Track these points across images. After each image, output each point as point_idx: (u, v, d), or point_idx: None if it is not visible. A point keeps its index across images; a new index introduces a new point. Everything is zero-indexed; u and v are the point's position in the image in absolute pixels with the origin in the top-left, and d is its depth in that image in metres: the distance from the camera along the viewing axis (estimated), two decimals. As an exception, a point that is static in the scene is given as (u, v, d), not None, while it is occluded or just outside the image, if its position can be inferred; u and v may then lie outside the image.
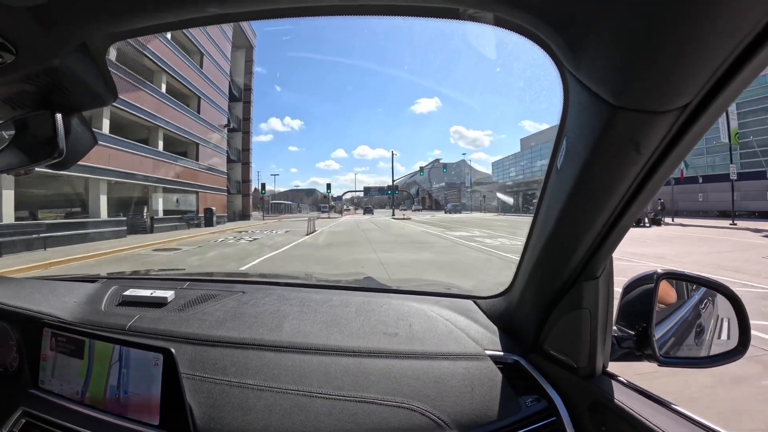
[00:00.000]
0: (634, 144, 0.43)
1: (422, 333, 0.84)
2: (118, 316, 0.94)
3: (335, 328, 0.86)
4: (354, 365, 0.77)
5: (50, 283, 1.12)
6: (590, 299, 0.65)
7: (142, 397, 0.73)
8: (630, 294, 0.71)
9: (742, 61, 0.33)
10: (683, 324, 0.76)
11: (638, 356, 0.69)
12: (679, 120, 0.39)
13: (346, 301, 0.97)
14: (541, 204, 0.64)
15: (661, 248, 9.15)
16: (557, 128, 0.54)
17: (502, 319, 0.86)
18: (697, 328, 0.77)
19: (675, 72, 0.34)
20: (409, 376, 0.74)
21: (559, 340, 0.71)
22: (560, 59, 0.43)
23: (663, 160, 0.44)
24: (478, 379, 0.74)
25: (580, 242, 0.59)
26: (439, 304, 0.96)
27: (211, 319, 0.91)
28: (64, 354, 0.82)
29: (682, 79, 0.35)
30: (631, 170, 0.46)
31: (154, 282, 1.18)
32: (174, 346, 0.75)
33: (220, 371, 0.77)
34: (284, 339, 0.82)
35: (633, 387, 0.68)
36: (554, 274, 0.67)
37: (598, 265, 0.63)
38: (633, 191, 0.49)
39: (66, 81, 0.55)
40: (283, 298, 1.00)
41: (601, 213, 0.53)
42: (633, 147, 0.43)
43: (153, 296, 1.01)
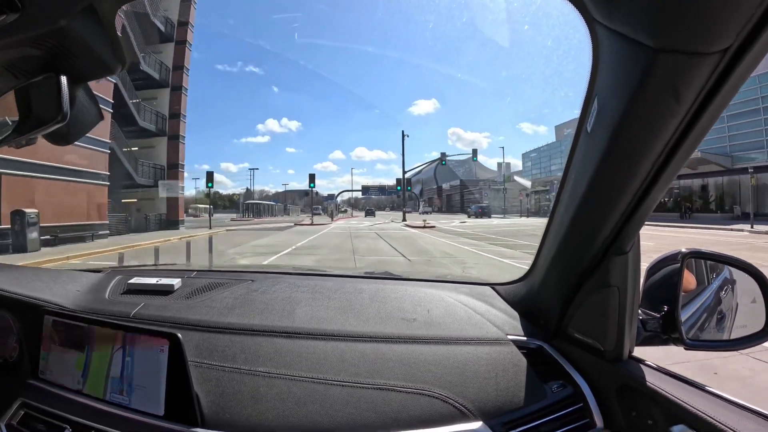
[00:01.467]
0: (673, 91, 0.42)
1: (441, 318, 0.83)
2: (122, 304, 0.94)
3: (350, 314, 0.85)
4: (371, 351, 0.77)
5: (52, 271, 1.12)
6: (619, 276, 0.64)
7: (145, 387, 0.72)
8: (654, 276, 0.71)
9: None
10: (706, 307, 0.76)
11: (664, 340, 0.69)
12: (719, 65, 0.39)
13: (359, 288, 0.96)
14: (566, 177, 0.64)
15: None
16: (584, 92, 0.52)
17: (523, 304, 0.86)
18: (720, 312, 0.77)
19: (718, 9, 0.35)
20: (430, 362, 0.74)
21: (585, 323, 0.71)
22: (591, 13, 0.44)
23: (701, 112, 0.44)
24: (502, 364, 0.74)
25: (611, 213, 0.58)
26: (456, 290, 0.95)
27: (219, 306, 0.90)
28: (65, 343, 0.81)
29: (724, 17, 0.36)
30: (670, 123, 0.45)
31: (160, 272, 1.16)
32: (180, 333, 0.74)
33: (229, 359, 0.76)
34: (297, 325, 0.82)
35: (664, 370, 0.67)
36: (581, 251, 0.66)
37: (628, 239, 0.62)
38: (669, 150, 0.48)
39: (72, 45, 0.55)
40: (294, 286, 0.99)
41: (636, 176, 0.52)
42: (672, 95, 0.43)
43: (159, 284, 1.00)
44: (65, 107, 0.56)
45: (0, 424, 0.78)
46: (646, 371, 0.67)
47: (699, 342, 0.71)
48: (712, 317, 0.76)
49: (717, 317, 0.76)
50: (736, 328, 0.74)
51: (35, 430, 0.76)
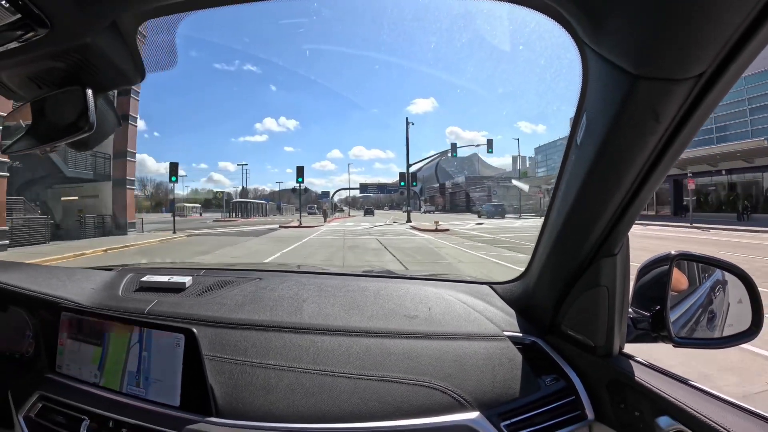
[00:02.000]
0: (653, 113, 0.47)
1: (441, 315, 0.89)
2: (136, 301, 0.99)
3: (354, 310, 0.91)
4: (375, 345, 0.82)
5: (67, 270, 1.16)
6: (608, 276, 0.69)
7: (161, 379, 0.76)
8: (645, 276, 0.76)
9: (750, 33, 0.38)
10: (696, 308, 0.81)
11: (654, 338, 0.73)
12: (695, 89, 0.44)
13: (363, 286, 1.02)
14: (559, 183, 0.68)
15: None
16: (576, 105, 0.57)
17: (519, 302, 0.91)
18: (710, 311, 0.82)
19: (692, 40, 0.39)
20: (430, 356, 0.79)
21: (577, 320, 0.76)
22: (580, 36, 0.48)
23: (680, 130, 0.49)
24: (498, 358, 0.79)
25: (600, 217, 0.63)
26: (455, 288, 1.01)
27: (230, 303, 0.96)
28: (82, 338, 0.85)
29: (698, 47, 0.40)
30: (651, 140, 0.50)
31: (170, 270, 1.21)
32: (194, 328, 0.78)
33: (241, 352, 0.81)
34: (305, 321, 0.87)
35: (651, 366, 0.72)
36: (573, 253, 0.71)
37: (617, 242, 0.67)
38: (651, 163, 0.53)
39: (95, 59, 0.58)
40: (300, 284, 1.05)
41: (621, 186, 0.57)
42: (652, 116, 0.47)
43: (171, 281, 1.05)
44: (92, 118, 0.59)
45: (19, 417, 0.81)
46: (635, 366, 0.72)
47: (687, 340, 0.76)
48: (703, 315, 0.81)
49: (707, 317, 0.81)
50: (727, 326, 0.78)
51: (53, 422, 0.79)
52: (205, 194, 58.29)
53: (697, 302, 0.82)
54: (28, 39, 0.51)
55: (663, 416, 0.64)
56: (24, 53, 0.54)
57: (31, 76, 0.62)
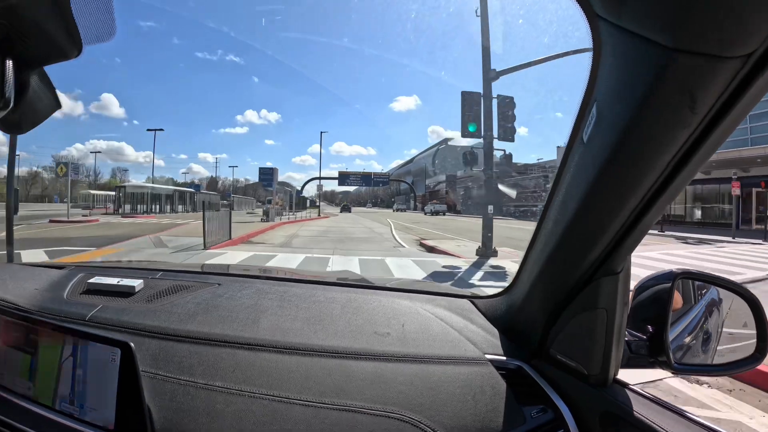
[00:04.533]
0: (688, 98, 0.40)
1: (415, 334, 0.84)
2: (80, 305, 0.93)
3: (318, 325, 0.86)
4: (338, 368, 0.76)
5: (11, 267, 1.11)
6: (608, 298, 0.65)
7: (96, 397, 0.73)
8: (642, 295, 0.72)
9: None
10: (692, 328, 0.80)
11: (651, 363, 0.71)
12: (740, 72, 0.38)
13: (331, 297, 0.97)
14: (557, 187, 0.64)
15: None
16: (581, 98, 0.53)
17: (503, 321, 0.87)
18: (706, 332, 0.82)
19: (745, 10, 0.34)
20: (401, 382, 0.74)
21: (569, 345, 0.73)
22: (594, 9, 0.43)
23: (716, 124, 0.42)
24: (479, 386, 0.74)
25: (605, 230, 0.58)
26: (432, 302, 0.96)
27: (180, 311, 0.90)
28: (16, 344, 0.81)
29: (752, 20, 0.34)
30: (680, 134, 0.44)
31: (125, 271, 1.15)
32: (137, 339, 0.76)
33: (186, 371, 0.76)
34: (260, 336, 0.82)
35: (647, 396, 0.69)
36: (569, 269, 0.67)
37: (621, 259, 0.63)
38: (677, 163, 0.47)
39: (23, 25, 0.54)
40: (261, 292, 0.99)
41: (637, 190, 0.51)
42: (687, 101, 0.41)
43: (119, 285, 0.98)
44: (8, 93, 0.55)
45: None
46: (631, 397, 0.69)
47: (687, 366, 0.74)
48: (698, 338, 0.80)
49: (703, 338, 0.81)
50: (727, 353, 0.78)
51: None
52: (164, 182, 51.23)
53: (693, 323, 0.80)
54: None
55: None
56: None
57: None
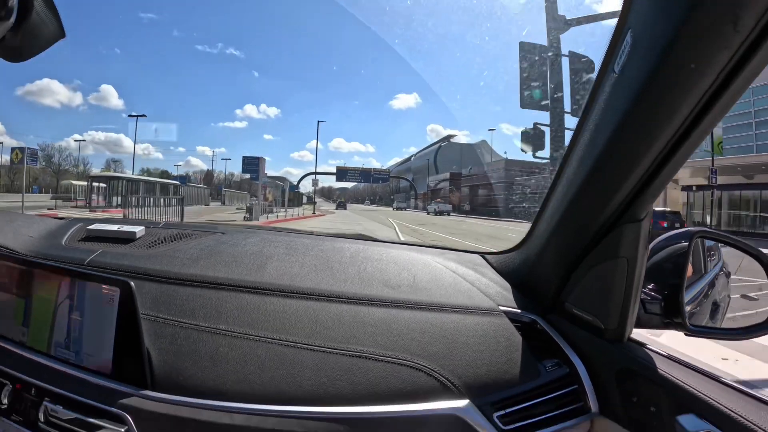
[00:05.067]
0: (732, 17, 0.39)
1: (426, 284, 0.82)
2: (78, 251, 0.92)
3: (327, 272, 0.85)
4: (348, 313, 0.75)
5: (8, 214, 1.07)
6: (630, 246, 0.62)
7: (93, 341, 0.72)
8: (659, 254, 0.71)
9: None
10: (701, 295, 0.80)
11: (666, 323, 0.69)
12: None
13: (338, 247, 0.96)
14: (581, 130, 0.62)
15: None
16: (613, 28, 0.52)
17: (516, 275, 0.86)
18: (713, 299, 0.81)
19: None
20: (413, 329, 0.72)
21: (585, 298, 0.71)
22: None
23: (754, 50, 0.41)
24: (493, 337, 0.73)
25: (632, 170, 0.55)
26: (444, 256, 0.95)
27: (183, 256, 0.89)
28: (9, 289, 0.81)
29: None
30: (720, 58, 0.42)
31: (126, 222, 1.13)
32: (137, 283, 0.72)
33: (188, 314, 0.75)
34: (266, 280, 0.81)
35: (669, 356, 0.66)
36: (590, 216, 0.65)
37: (646, 204, 0.60)
38: (713, 93, 0.45)
39: None
40: (266, 240, 0.97)
41: (670, 123, 0.48)
42: (731, 19, 0.39)
43: (120, 230, 0.97)
44: (11, 2, 0.51)
45: None
46: (652, 355, 0.67)
47: (702, 329, 0.74)
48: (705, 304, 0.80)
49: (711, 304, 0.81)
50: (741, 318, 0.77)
51: None
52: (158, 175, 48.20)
53: (702, 289, 0.80)
54: None
55: (687, 414, 0.56)
56: None
57: None
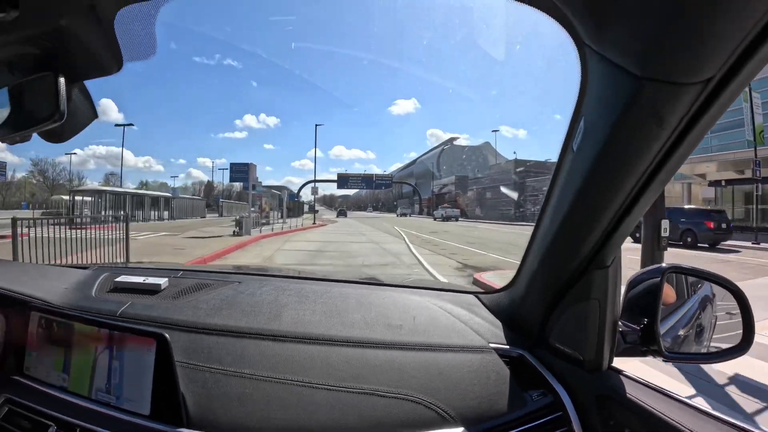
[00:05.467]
0: (657, 117, 0.48)
1: (425, 326, 0.93)
2: (109, 303, 1.01)
3: (335, 318, 0.94)
4: (356, 356, 0.84)
5: (40, 267, 1.23)
6: (599, 289, 0.73)
7: (132, 386, 0.80)
8: (635, 289, 0.79)
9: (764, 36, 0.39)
10: (686, 321, 0.86)
11: (643, 351, 0.77)
12: (702, 95, 0.45)
13: (345, 293, 1.05)
14: (552, 190, 0.72)
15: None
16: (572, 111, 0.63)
17: (506, 314, 0.96)
18: (699, 325, 0.87)
19: (701, 43, 0.40)
20: (414, 368, 0.82)
21: (565, 334, 0.80)
22: (582, 37, 0.50)
23: (684, 137, 0.50)
24: (484, 372, 0.82)
25: (594, 227, 0.66)
26: (440, 298, 1.05)
27: (206, 306, 0.98)
28: (51, 340, 0.88)
29: (708, 51, 0.41)
30: (653, 146, 0.51)
31: (146, 271, 1.22)
32: (167, 333, 0.81)
33: (215, 360, 0.84)
34: (283, 328, 0.90)
35: (641, 381, 0.76)
36: (563, 264, 0.75)
37: (610, 253, 0.70)
38: (652, 171, 0.55)
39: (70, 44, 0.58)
40: (280, 289, 1.07)
41: (619, 193, 0.59)
42: (656, 121, 0.48)
43: (146, 283, 1.06)
44: (62, 107, 0.59)
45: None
46: (625, 382, 0.76)
47: (677, 354, 0.81)
48: (691, 330, 0.85)
49: (696, 331, 0.86)
50: (714, 341, 0.83)
51: (19, 427, 0.82)
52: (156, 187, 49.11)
53: (686, 316, 0.86)
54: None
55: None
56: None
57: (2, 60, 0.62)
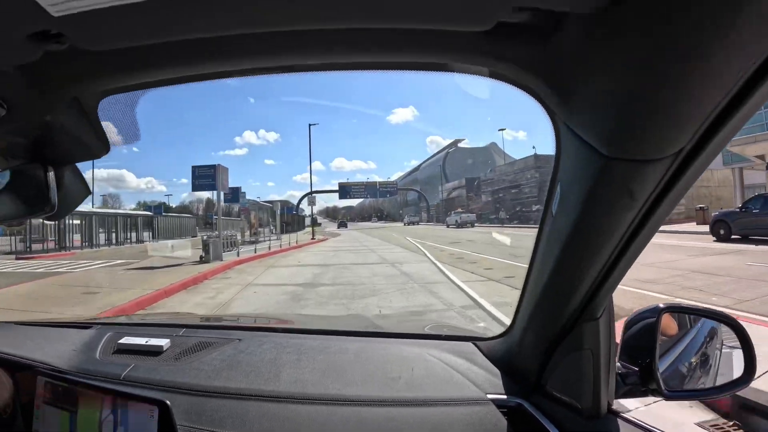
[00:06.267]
0: (628, 192, 0.48)
1: (422, 379, 0.94)
2: (113, 365, 1.03)
3: (334, 374, 0.96)
4: (353, 416, 0.86)
5: (43, 330, 1.21)
6: (591, 340, 0.73)
7: None
8: (632, 329, 0.79)
9: (732, 107, 0.38)
10: (686, 356, 0.86)
11: (643, 392, 0.77)
12: (673, 165, 0.45)
13: (344, 347, 1.07)
14: (538, 244, 0.72)
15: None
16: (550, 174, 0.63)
17: (503, 361, 0.96)
18: (701, 358, 0.87)
19: (666, 122, 0.41)
20: (410, 425, 0.83)
21: (562, 381, 0.81)
22: (552, 109, 0.51)
23: (658, 204, 0.51)
24: (481, 425, 0.82)
25: (579, 285, 0.66)
26: (438, 347, 1.04)
27: (207, 368, 1.01)
28: (57, 403, 0.92)
29: (673, 128, 0.41)
30: (626, 216, 0.52)
31: (149, 329, 1.25)
32: (170, 396, 0.86)
33: (217, 424, 0.86)
34: (282, 389, 0.93)
35: (639, 425, 0.77)
36: (554, 316, 0.76)
37: (598, 307, 0.71)
38: (629, 235, 0.56)
39: (57, 135, 0.61)
40: (280, 346, 1.09)
41: (598, 258, 0.60)
42: (627, 194, 0.49)
43: (148, 344, 1.07)
44: (53, 199, 0.61)
45: None
46: (624, 427, 0.77)
47: (679, 392, 0.81)
48: (694, 364, 0.85)
49: (700, 362, 0.85)
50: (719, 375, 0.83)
51: None
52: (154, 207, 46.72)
53: (688, 350, 0.86)
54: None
55: None
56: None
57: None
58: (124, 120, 0.66)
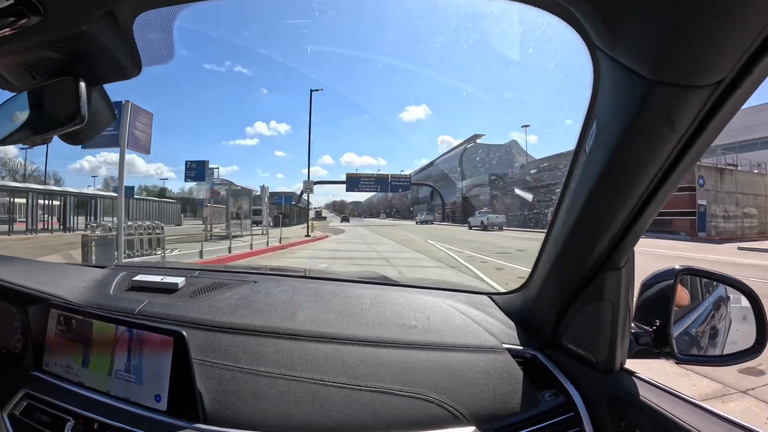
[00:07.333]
0: (668, 120, 0.50)
1: (439, 326, 0.97)
2: (127, 301, 1.06)
3: (350, 318, 0.98)
4: (370, 355, 0.88)
5: (59, 266, 1.24)
6: (612, 290, 0.74)
7: (149, 382, 0.86)
8: (648, 291, 0.81)
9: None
10: (699, 323, 0.88)
11: (656, 353, 0.80)
12: (712, 96, 0.47)
13: (359, 293, 1.08)
14: (565, 193, 0.74)
15: None
16: None
17: (519, 314, 0.99)
18: (713, 327, 0.89)
19: (712, 45, 0.43)
20: (427, 368, 0.85)
21: (578, 334, 0.83)
22: (593, 40, 0.52)
23: (694, 139, 0.53)
24: (496, 372, 0.85)
25: (606, 229, 0.67)
26: (454, 298, 1.08)
27: (222, 305, 1.03)
28: (70, 336, 0.95)
29: (719, 53, 0.43)
30: (664, 149, 0.54)
31: (163, 270, 1.28)
32: (185, 331, 0.86)
33: (231, 357, 0.88)
34: (298, 327, 0.95)
35: (653, 383, 0.78)
36: (576, 265, 0.77)
37: (622, 255, 0.73)
38: (663, 173, 0.58)
39: (91, 49, 0.60)
40: (296, 289, 1.11)
41: (631, 195, 0.61)
42: (667, 123, 0.50)
43: (163, 282, 1.10)
44: (83, 111, 0.61)
45: (3, 414, 0.87)
46: (638, 383, 0.78)
47: (690, 357, 0.82)
48: (706, 331, 0.86)
49: (710, 333, 0.87)
50: (727, 344, 0.85)
51: (38, 421, 0.86)
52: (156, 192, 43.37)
53: (700, 318, 0.88)
54: (21, 26, 0.52)
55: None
56: (17, 41, 0.56)
57: (25, 64, 0.63)
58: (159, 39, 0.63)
